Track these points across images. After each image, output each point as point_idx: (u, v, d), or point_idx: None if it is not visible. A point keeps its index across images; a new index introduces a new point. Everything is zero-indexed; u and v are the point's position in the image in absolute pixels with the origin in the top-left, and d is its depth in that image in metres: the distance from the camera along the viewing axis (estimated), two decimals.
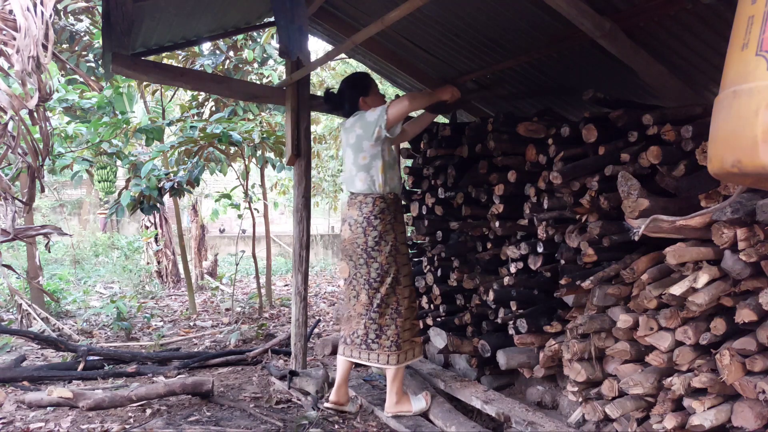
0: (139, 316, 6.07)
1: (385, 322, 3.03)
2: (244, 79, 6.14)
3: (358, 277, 3.06)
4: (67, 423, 3.01)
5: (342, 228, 3.14)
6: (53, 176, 7.71)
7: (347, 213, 3.11)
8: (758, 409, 2.00)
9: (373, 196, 3.04)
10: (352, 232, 3.05)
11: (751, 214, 2.00)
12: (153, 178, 5.27)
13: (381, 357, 3.02)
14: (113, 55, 3.53)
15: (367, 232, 3.01)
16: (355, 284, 3.08)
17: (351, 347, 3.09)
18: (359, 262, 3.05)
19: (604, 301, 2.60)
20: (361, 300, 3.05)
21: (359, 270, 3.05)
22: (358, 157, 3.03)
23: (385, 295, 3.02)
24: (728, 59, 1.32)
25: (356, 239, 3.04)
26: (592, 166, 2.72)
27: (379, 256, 3.02)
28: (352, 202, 3.09)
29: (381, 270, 3.02)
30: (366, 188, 3.04)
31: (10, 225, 3.46)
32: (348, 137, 3.09)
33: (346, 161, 3.12)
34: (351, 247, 3.06)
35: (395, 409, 3.06)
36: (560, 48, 3.68)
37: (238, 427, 2.96)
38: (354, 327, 3.08)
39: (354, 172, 3.06)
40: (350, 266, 3.09)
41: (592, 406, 2.53)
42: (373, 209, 3.02)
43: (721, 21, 2.87)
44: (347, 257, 3.10)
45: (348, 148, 3.09)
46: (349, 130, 3.09)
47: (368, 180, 3.03)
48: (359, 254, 3.04)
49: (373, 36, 3.59)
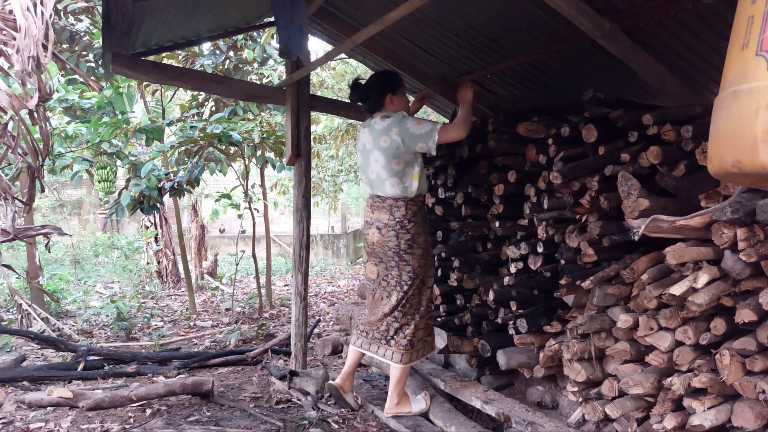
0: (139, 316, 6.07)
1: (406, 321, 3.04)
2: (244, 79, 6.14)
3: (389, 278, 3.05)
4: (67, 423, 3.01)
5: (369, 231, 3.08)
6: (53, 176, 7.71)
7: (374, 216, 3.04)
8: (758, 409, 2.00)
9: (405, 200, 2.99)
10: (383, 235, 3.00)
11: (751, 214, 2.00)
12: (153, 178, 5.27)
13: (395, 355, 3.03)
14: (113, 55, 3.53)
15: (400, 235, 2.97)
16: (385, 285, 3.08)
17: (369, 341, 3.10)
18: (390, 264, 3.03)
19: (604, 301, 2.60)
20: (392, 301, 3.03)
21: (390, 272, 3.04)
22: (392, 162, 2.93)
23: (411, 296, 3.03)
24: (728, 59, 1.32)
25: (387, 242, 2.99)
26: (592, 166, 2.72)
27: (412, 259, 3.00)
28: (381, 206, 3.01)
29: (413, 273, 3.02)
30: (398, 193, 2.98)
31: (10, 225, 3.46)
32: (379, 139, 2.94)
33: (374, 164, 2.99)
34: (381, 249, 3.03)
35: (395, 410, 3.06)
36: (560, 48, 3.68)
37: (238, 427, 2.96)
38: (376, 323, 3.08)
39: (384, 176, 2.96)
40: (380, 268, 3.09)
41: (592, 406, 2.53)
42: (406, 213, 2.98)
43: (721, 21, 2.87)
44: (376, 259, 3.10)
45: (377, 150, 2.95)
46: (381, 132, 2.94)
47: (400, 185, 2.97)
48: (390, 257, 3.01)
49: (373, 36, 3.59)
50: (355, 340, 3.18)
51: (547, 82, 4.31)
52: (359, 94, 3.18)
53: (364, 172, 3.11)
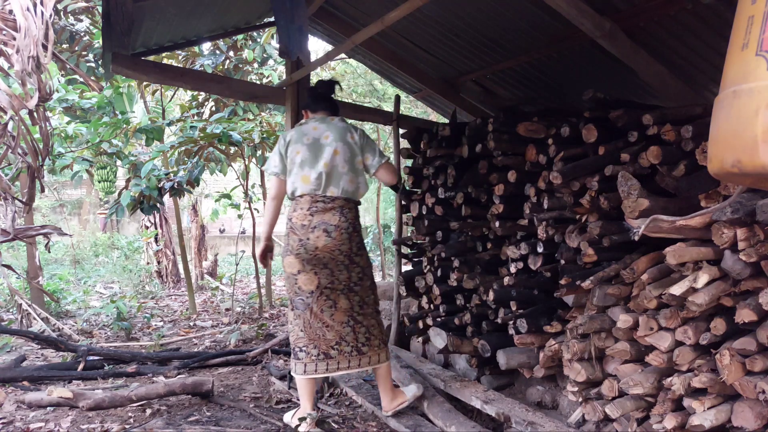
0: (139, 316, 6.07)
1: (370, 323, 2.99)
2: (244, 79, 6.14)
3: (335, 284, 2.88)
4: (67, 423, 3.01)
5: (310, 236, 2.84)
6: (53, 176, 7.71)
7: (316, 219, 2.86)
8: (758, 409, 2.00)
9: (354, 202, 2.99)
10: (333, 238, 2.85)
11: (751, 214, 2.00)
12: (153, 178, 5.27)
13: (373, 358, 2.97)
14: (113, 55, 3.53)
15: (353, 237, 2.93)
16: (329, 293, 2.87)
17: (337, 359, 2.88)
18: (339, 269, 2.89)
19: (604, 301, 2.59)
20: (341, 306, 2.88)
21: (337, 276, 2.89)
22: (355, 159, 2.95)
23: (366, 296, 3.00)
24: (728, 59, 1.32)
25: (340, 246, 2.87)
26: (592, 166, 2.72)
27: (361, 260, 2.99)
28: (327, 207, 2.87)
29: (363, 273, 2.99)
30: (352, 192, 2.94)
31: (10, 225, 3.46)
32: (345, 135, 2.94)
33: (333, 156, 2.88)
34: (330, 254, 2.86)
35: (394, 405, 3.01)
36: (560, 48, 3.68)
37: (238, 427, 2.96)
38: (338, 336, 2.89)
39: (345, 170, 2.89)
40: (322, 275, 2.86)
41: (592, 406, 2.53)
42: (356, 215, 2.98)
43: (721, 21, 2.88)
44: (319, 266, 2.86)
45: (342, 143, 2.91)
46: (346, 129, 2.96)
47: (355, 183, 2.95)
48: (341, 260, 2.89)
49: (373, 36, 3.59)
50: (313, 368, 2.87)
51: (547, 82, 4.31)
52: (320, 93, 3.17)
53: (311, 166, 2.89)
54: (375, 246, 10.47)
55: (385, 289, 5.32)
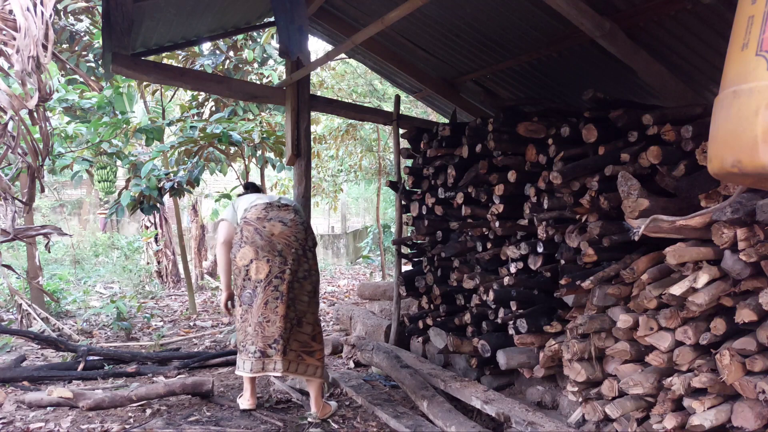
0: (139, 316, 6.07)
1: (307, 330, 3.05)
2: (244, 79, 6.14)
3: (284, 274, 2.92)
4: (67, 423, 3.01)
5: (264, 224, 2.98)
6: (53, 176, 7.71)
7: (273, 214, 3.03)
8: (758, 409, 2.00)
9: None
10: (289, 227, 2.99)
11: (751, 214, 2.00)
12: (153, 178, 5.27)
13: (319, 370, 3.04)
14: (113, 55, 3.53)
15: (309, 232, 3.10)
16: (277, 283, 2.91)
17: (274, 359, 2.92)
18: (292, 257, 2.95)
19: (604, 301, 2.59)
20: (285, 298, 2.92)
21: (289, 265, 2.93)
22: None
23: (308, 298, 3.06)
24: (728, 59, 1.32)
25: (296, 234, 2.99)
26: (592, 166, 2.72)
27: (310, 259, 3.08)
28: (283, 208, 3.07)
29: (309, 272, 3.06)
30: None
31: (10, 225, 3.46)
32: None
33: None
34: (285, 240, 2.94)
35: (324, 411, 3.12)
36: (560, 48, 3.68)
37: (238, 427, 2.96)
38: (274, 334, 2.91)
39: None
40: (274, 263, 2.91)
41: (592, 406, 2.53)
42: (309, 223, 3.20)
43: (721, 21, 2.88)
44: (272, 253, 2.93)
45: None
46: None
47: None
48: (295, 248, 2.97)
49: (373, 36, 3.59)
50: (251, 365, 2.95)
51: (547, 82, 4.31)
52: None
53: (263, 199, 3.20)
54: (375, 246, 10.47)
55: (385, 289, 5.31)
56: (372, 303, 5.45)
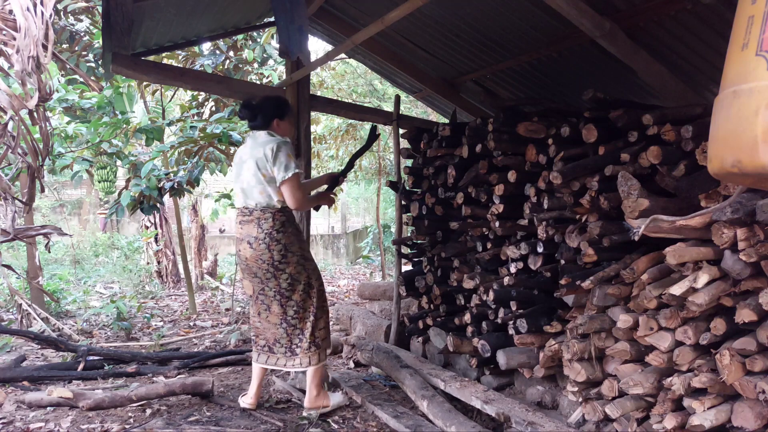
0: (139, 316, 6.07)
1: (305, 326, 3.13)
2: (244, 79, 6.14)
3: (266, 291, 3.11)
4: (67, 423, 3.01)
5: (240, 247, 3.09)
6: (53, 176, 7.71)
7: (243, 231, 3.06)
8: (758, 409, 2.00)
9: (272, 211, 3.03)
10: (255, 249, 3.02)
11: (751, 214, 2.00)
12: (153, 178, 5.27)
13: (303, 360, 3.13)
14: (113, 55, 3.53)
15: (272, 247, 3.01)
16: (263, 299, 3.13)
17: (276, 356, 3.17)
18: (266, 277, 3.06)
19: (604, 301, 2.59)
20: (273, 311, 3.12)
21: (267, 284, 3.09)
22: (260, 172, 2.99)
23: (301, 300, 3.11)
24: (728, 59, 1.32)
25: (261, 256, 3.02)
26: (592, 166, 2.72)
27: (288, 267, 3.05)
28: (248, 219, 3.04)
29: (291, 279, 3.07)
30: (264, 202, 3.03)
31: (10, 225, 3.46)
32: (255, 150, 3.02)
33: (246, 173, 3.04)
34: (256, 264, 3.05)
35: (315, 404, 3.16)
36: (560, 48, 3.68)
37: (238, 427, 2.96)
38: (274, 336, 3.16)
39: (253, 183, 3.02)
40: (255, 282, 3.13)
41: (592, 406, 2.53)
42: (273, 224, 3.02)
43: (721, 21, 2.88)
44: (251, 275, 3.12)
45: (251, 160, 3.02)
46: (260, 145, 3.02)
47: (266, 193, 3.02)
48: (265, 269, 3.04)
49: (373, 36, 3.59)
50: (258, 357, 3.22)
51: (547, 82, 4.31)
52: (247, 113, 3.15)
53: (236, 183, 3.14)
54: (375, 246, 10.47)
55: (385, 289, 5.31)
56: (372, 303, 5.45)
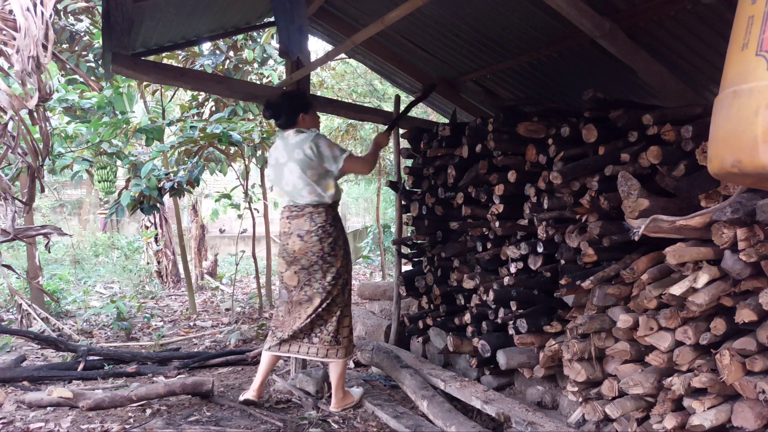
0: (139, 316, 6.07)
1: (330, 319, 3.22)
2: (244, 79, 6.14)
3: (312, 282, 3.18)
4: (67, 423, 3.01)
5: (288, 240, 3.18)
6: (53, 176, 7.71)
7: (293, 225, 3.17)
8: (758, 409, 2.00)
9: (324, 206, 3.17)
10: (305, 242, 3.13)
11: (751, 214, 2.00)
12: (153, 178, 5.27)
13: (320, 350, 3.20)
14: (113, 55, 3.53)
15: (324, 239, 3.14)
16: (307, 290, 3.19)
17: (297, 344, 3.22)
18: (314, 269, 3.16)
19: (604, 301, 2.60)
20: (314, 303, 3.18)
21: (313, 276, 3.17)
22: (306, 173, 3.12)
23: (336, 295, 3.21)
24: (728, 59, 1.32)
25: (311, 248, 3.13)
26: (592, 166, 2.72)
27: (336, 261, 3.19)
28: (298, 214, 3.16)
29: (336, 273, 3.19)
30: (315, 200, 3.15)
31: (10, 225, 3.46)
32: (293, 152, 3.13)
33: (289, 175, 3.15)
34: (305, 256, 3.14)
35: (342, 403, 3.24)
36: (560, 48, 3.68)
37: (238, 427, 2.96)
38: (295, 323, 3.20)
39: (301, 186, 3.13)
40: (301, 275, 3.18)
41: (592, 406, 2.53)
42: (326, 218, 3.16)
43: (721, 21, 2.88)
44: (297, 266, 3.18)
45: (292, 162, 3.13)
46: (295, 146, 3.14)
47: (316, 192, 3.15)
48: (314, 261, 3.15)
49: (373, 36, 3.59)
50: (273, 344, 3.26)
51: (547, 82, 4.31)
52: (271, 112, 3.28)
53: (278, 185, 3.25)
54: (375, 246, 10.47)
55: (385, 289, 5.31)
56: (372, 303, 5.45)
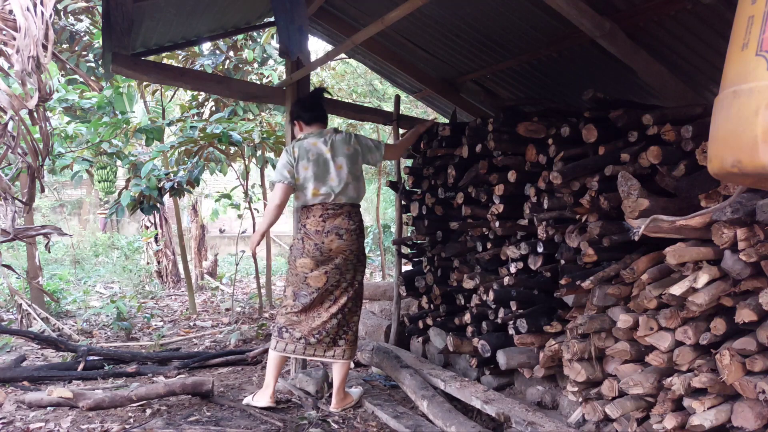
0: (139, 316, 6.07)
1: (352, 319, 3.27)
2: (244, 79, 6.14)
3: (341, 282, 3.19)
4: (67, 423, 3.01)
5: (325, 239, 3.11)
6: (53, 176, 7.72)
7: (329, 224, 3.12)
8: (758, 409, 2.00)
9: (358, 207, 3.27)
10: (345, 240, 3.14)
11: (751, 214, 2.00)
12: (153, 178, 5.27)
13: (346, 352, 3.22)
14: (113, 55, 3.53)
15: (360, 239, 3.23)
16: (333, 290, 3.18)
17: (314, 346, 3.19)
18: (347, 268, 3.19)
19: (604, 301, 2.59)
20: (339, 302, 3.19)
21: (344, 275, 3.19)
22: (355, 167, 3.20)
23: (356, 294, 3.27)
24: (728, 59, 1.32)
25: (350, 246, 3.16)
26: (592, 166, 2.72)
27: (365, 260, 3.31)
28: (336, 213, 3.14)
29: (360, 272, 3.29)
30: (356, 197, 3.23)
31: (10, 225, 3.46)
32: (343, 147, 3.19)
33: (337, 171, 3.14)
34: (342, 255, 3.14)
35: (343, 403, 3.25)
36: (560, 48, 3.68)
37: (238, 427, 2.96)
38: (323, 327, 3.17)
39: (350, 180, 3.17)
40: (332, 274, 3.14)
41: (592, 406, 2.53)
42: (360, 218, 3.26)
43: (721, 21, 2.88)
44: (329, 266, 3.13)
45: (342, 157, 3.17)
46: (343, 142, 3.20)
47: (359, 190, 3.24)
48: (351, 260, 3.19)
49: (373, 36, 3.59)
50: (286, 347, 3.21)
51: (547, 82, 4.31)
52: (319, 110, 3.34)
53: (321, 180, 3.13)
54: (375, 246, 10.46)
55: (385, 289, 5.31)
56: (372, 303, 5.45)
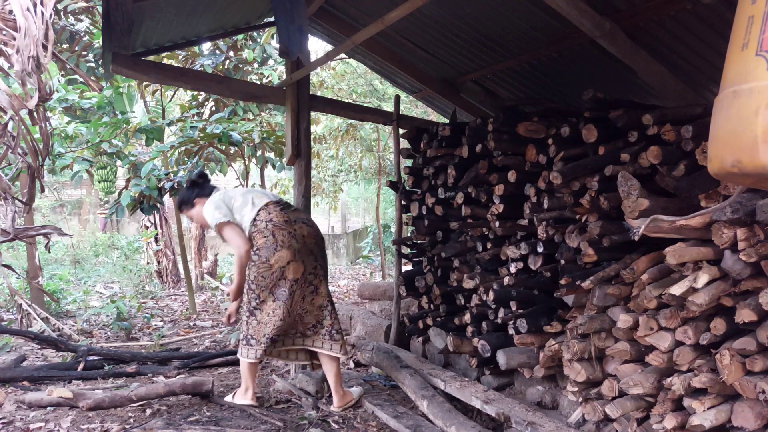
0: (139, 316, 6.07)
1: (333, 309, 3.26)
2: (244, 79, 6.14)
3: (317, 270, 3.17)
4: (67, 423, 3.01)
5: (295, 227, 3.10)
6: (53, 176, 7.71)
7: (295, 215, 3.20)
8: (758, 409, 2.00)
9: None
10: (312, 227, 3.21)
11: (751, 214, 2.00)
12: (153, 178, 5.27)
13: (343, 347, 3.23)
14: (113, 55, 3.53)
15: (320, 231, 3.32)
16: (312, 279, 3.15)
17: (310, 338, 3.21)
18: (321, 255, 3.22)
19: (604, 301, 2.59)
20: (321, 291, 3.19)
21: (320, 262, 3.20)
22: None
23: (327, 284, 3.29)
24: (728, 59, 1.32)
25: (318, 233, 3.23)
26: (592, 166, 2.72)
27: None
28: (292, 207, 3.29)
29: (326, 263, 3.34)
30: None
31: (10, 225, 3.46)
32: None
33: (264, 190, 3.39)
34: (314, 240, 3.18)
35: (343, 401, 3.25)
36: (560, 48, 3.68)
37: (238, 427, 2.96)
38: (316, 318, 3.20)
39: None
40: (308, 262, 3.10)
41: (592, 406, 2.53)
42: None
43: (721, 21, 2.88)
44: (306, 253, 3.09)
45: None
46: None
47: None
48: (322, 247, 3.24)
49: (373, 36, 3.59)
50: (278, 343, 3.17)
51: (547, 82, 4.31)
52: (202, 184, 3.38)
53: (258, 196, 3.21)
54: (375, 246, 10.47)
55: (385, 289, 5.31)
56: (372, 303, 5.45)
